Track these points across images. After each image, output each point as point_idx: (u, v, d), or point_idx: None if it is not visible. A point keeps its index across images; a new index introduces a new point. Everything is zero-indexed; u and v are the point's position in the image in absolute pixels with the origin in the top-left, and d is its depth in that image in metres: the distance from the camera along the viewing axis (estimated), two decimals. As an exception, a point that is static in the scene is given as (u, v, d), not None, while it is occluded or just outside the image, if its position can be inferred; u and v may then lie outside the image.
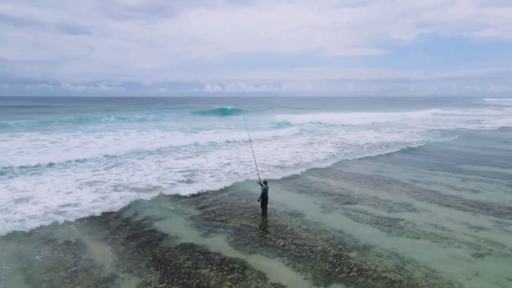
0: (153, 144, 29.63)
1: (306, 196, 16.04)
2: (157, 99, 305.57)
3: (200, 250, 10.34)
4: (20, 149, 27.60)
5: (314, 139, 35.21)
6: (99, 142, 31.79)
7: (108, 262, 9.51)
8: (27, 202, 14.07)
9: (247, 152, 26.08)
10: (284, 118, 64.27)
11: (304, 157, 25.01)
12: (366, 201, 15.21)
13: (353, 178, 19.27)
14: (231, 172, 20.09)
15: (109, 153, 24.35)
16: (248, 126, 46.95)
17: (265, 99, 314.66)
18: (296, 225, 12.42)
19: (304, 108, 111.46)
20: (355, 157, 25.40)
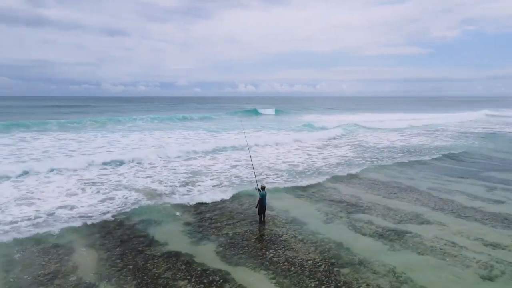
0: (166, 144, 29.87)
1: (311, 203, 15.33)
2: (192, 98, 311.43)
3: (185, 259, 9.99)
4: (47, 147, 28.73)
5: (345, 142, 34.06)
6: (124, 142, 32.50)
7: (89, 269, 9.37)
8: (27, 202, 14.38)
9: (258, 156, 25.66)
10: (316, 119, 63.19)
11: (318, 161, 24.18)
12: (374, 211, 14.30)
13: (367, 185, 18.27)
14: (235, 176, 19.63)
15: (122, 153, 24.66)
16: (280, 127, 47.01)
17: (299, 99, 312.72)
18: (292, 234, 11.81)
19: (339, 109, 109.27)
20: (376, 162, 24.22)
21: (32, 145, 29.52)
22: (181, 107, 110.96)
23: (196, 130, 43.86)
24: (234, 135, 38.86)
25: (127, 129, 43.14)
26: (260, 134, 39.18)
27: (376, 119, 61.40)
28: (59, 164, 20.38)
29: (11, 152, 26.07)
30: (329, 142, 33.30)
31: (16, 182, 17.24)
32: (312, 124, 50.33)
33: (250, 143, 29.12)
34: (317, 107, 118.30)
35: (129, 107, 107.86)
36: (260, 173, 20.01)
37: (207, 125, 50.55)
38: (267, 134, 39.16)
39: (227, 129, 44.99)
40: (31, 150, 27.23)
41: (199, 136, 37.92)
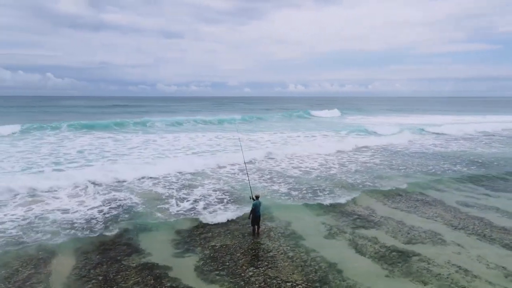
0: (180, 146, 29.90)
1: (318, 214, 14.23)
2: (242, 98, 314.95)
3: (158, 273, 9.51)
4: (83, 146, 30.02)
5: (412, 149, 32.08)
6: (160, 143, 33.16)
7: (58, 279, 9.20)
8: (26, 203, 14.79)
9: (269, 160, 24.73)
10: (374, 122, 60.13)
11: (376, 169, 22.74)
12: (386, 226, 12.92)
13: (388, 196, 16.72)
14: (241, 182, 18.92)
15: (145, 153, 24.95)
16: (335, 129, 45.50)
17: (351, 99, 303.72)
18: (282, 251, 10.90)
19: (395, 110, 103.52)
20: (404, 171, 22.33)
21: (71, 145, 31.00)
22: (232, 108, 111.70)
23: (229, 131, 43.68)
24: (269, 135, 38.12)
25: (171, 131, 44.10)
26: (311, 139, 37.81)
27: (440, 122, 57.53)
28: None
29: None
30: (394, 148, 31.12)
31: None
32: (367, 129, 45.14)
33: (302, 148, 27.85)
34: (371, 108, 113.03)
35: (181, 108, 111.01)
36: (266, 179, 19.20)
37: (245, 127, 50.24)
38: (320, 138, 37.13)
39: (264, 130, 44.38)
40: (67, 149, 28.55)
41: (216, 137, 37.61)
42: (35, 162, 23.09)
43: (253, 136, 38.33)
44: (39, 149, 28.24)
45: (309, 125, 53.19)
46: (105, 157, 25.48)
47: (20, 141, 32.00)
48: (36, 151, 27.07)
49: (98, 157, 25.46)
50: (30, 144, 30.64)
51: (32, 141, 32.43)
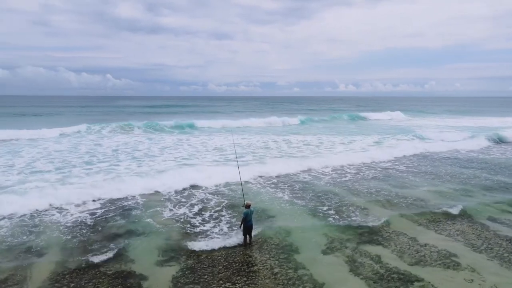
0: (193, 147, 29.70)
1: (322, 225, 13.21)
2: (290, 98, 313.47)
3: (132, 282, 9.15)
4: (118, 145, 31.12)
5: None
6: (192, 143, 33.50)
7: (34, 282, 9.14)
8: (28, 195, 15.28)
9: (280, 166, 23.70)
10: (436, 124, 56.18)
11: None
12: (395, 243, 11.64)
13: (409, 208, 15.23)
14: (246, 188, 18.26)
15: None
16: (394, 132, 43.45)
17: (405, 99, 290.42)
18: (269, 265, 10.11)
19: (459, 111, 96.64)
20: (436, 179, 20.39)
21: (107, 144, 32.26)
22: (285, 108, 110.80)
23: (248, 132, 43.11)
24: (300, 137, 37.08)
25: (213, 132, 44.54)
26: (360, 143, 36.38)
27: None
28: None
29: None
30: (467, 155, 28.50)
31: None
32: (422, 135, 39.40)
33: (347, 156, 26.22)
34: (431, 109, 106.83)
35: (231, 108, 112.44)
36: (271, 184, 18.38)
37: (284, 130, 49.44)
38: (380, 142, 34.52)
39: (297, 133, 43.30)
40: (103, 149, 29.65)
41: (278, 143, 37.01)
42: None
43: (300, 138, 37.49)
44: (98, 147, 29.64)
45: (362, 128, 51.13)
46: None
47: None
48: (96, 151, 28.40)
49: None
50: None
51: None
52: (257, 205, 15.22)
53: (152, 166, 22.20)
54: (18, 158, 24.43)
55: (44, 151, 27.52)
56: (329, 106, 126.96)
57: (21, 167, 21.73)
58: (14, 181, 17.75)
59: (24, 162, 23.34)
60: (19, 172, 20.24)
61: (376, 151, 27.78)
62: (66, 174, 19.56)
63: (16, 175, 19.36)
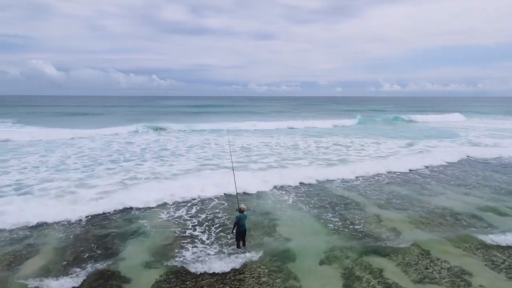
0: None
1: (329, 232, 12.46)
2: (332, 98, 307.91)
3: (111, 285, 9.06)
4: (148, 143, 31.82)
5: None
6: (219, 143, 33.61)
7: (15, 275, 9.30)
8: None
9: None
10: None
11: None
12: (403, 255, 10.65)
13: (429, 216, 14.05)
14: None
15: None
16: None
17: (458, 99, 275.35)
18: (257, 274, 9.53)
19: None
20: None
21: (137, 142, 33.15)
22: (325, 109, 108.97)
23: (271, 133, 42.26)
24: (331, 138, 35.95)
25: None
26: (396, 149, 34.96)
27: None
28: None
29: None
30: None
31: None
32: (473, 139, 36.71)
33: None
34: (486, 110, 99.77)
35: (270, 108, 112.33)
36: (277, 187, 17.68)
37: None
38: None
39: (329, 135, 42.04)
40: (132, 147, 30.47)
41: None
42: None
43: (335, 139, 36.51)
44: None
45: (406, 131, 48.99)
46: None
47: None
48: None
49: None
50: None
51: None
52: (260, 207, 14.78)
53: (173, 167, 22.26)
54: (55, 155, 25.69)
55: (79, 149, 28.72)
56: (372, 107, 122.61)
57: (53, 163, 22.86)
58: (37, 180, 18.42)
59: (58, 159, 24.49)
60: (47, 169, 21.15)
61: (410, 157, 26.05)
62: (89, 174, 20.09)
63: (43, 172, 20.20)
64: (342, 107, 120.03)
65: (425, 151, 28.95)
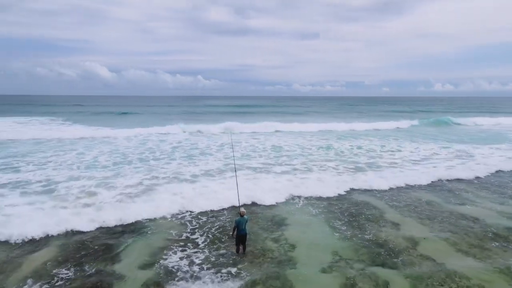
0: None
1: (339, 238, 11.83)
2: (379, 98, 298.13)
3: (103, 282, 9.15)
4: (180, 141, 32.43)
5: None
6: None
7: (19, 273, 9.53)
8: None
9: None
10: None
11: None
12: (415, 269, 9.83)
13: (458, 226, 12.94)
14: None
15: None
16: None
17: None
18: (252, 280, 9.27)
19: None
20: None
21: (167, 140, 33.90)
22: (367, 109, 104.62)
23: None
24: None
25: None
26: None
27: None
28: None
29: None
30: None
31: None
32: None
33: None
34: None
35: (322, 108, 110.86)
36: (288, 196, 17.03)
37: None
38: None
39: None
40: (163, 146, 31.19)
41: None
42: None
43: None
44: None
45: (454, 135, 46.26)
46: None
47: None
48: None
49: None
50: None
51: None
52: (270, 212, 14.39)
53: (198, 167, 22.37)
54: (91, 153, 26.96)
55: (114, 147, 29.89)
56: (421, 108, 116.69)
57: (87, 161, 24.03)
58: (65, 177, 19.18)
59: (93, 156, 25.63)
60: (79, 166, 22.14)
61: (448, 163, 24.33)
62: (115, 172, 20.72)
63: (74, 170, 21.12)
64: (388, 108, 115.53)
65: (467, 156, 26.92)
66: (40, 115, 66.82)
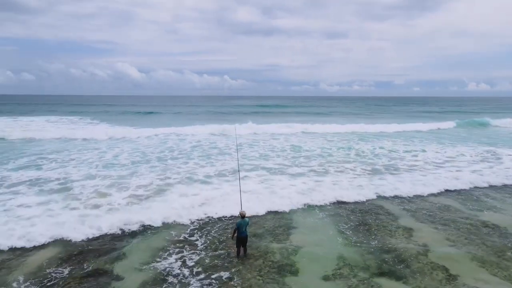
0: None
1: (346, 243, 11.39)
2: (409, 99, 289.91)
3: (100, 282, 9.18)
4: (199, 140, 32.62)
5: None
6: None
7: (23, 275, 9.50)
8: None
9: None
10: None
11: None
12: (423, 279, 9.29)
13: (483, 236, 12.21)
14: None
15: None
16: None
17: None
18: (249, 285, 9.01)
19: None
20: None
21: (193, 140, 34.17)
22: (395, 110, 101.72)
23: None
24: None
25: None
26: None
27: None
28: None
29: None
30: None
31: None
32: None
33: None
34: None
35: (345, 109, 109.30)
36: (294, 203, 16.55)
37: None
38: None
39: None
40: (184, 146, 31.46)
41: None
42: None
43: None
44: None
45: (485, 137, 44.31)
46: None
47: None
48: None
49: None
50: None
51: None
52: (278, 214, 14.12)
53: (214, 167, 22.30)
54: (112, 151, 27.59)
55: (136, 146, 30.46)
56: (453, 108, 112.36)
57: (107, 159, 24.55)
58: (83, 176, 19.56)
59: (113, 155, 26.19)
60: (98, 165, 22.62)
61: (475, 167, 23.09)
62: (132, 171, 21.02)
63: (93, 169, 21.57)
64: (418, 108, 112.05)
65: (496, 159, 25.51)
66: (70, 114, 69.39)
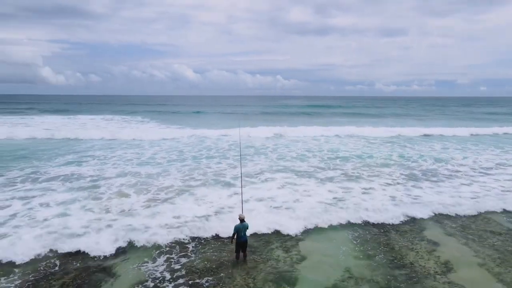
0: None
1: (357, 254, 10.64)
2: (474, 99, 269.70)
3: (94, 278, 9.33)
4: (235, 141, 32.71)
5: None
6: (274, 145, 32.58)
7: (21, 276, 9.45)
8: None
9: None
10: None
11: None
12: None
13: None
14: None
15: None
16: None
17: None
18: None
19: None
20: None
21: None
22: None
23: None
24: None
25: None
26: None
27: None
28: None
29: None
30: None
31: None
32: None
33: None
34: None
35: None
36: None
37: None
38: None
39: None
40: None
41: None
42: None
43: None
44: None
45: None
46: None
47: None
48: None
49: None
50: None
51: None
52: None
53: (244, 168, 22.05)
54: (152, 150, 28.62)
55: (176, 145, 31.41)
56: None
57: (144, 157, 25.49)
58: (114, 174, 20.31)
59: (152, 153, 27.16)
60: (133, 162, 23.52)
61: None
62: (163, 169, 21.58)
63: (127, 166, 22.43)
64: (483, 110, 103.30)
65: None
66: (124, 114, 73.05)
